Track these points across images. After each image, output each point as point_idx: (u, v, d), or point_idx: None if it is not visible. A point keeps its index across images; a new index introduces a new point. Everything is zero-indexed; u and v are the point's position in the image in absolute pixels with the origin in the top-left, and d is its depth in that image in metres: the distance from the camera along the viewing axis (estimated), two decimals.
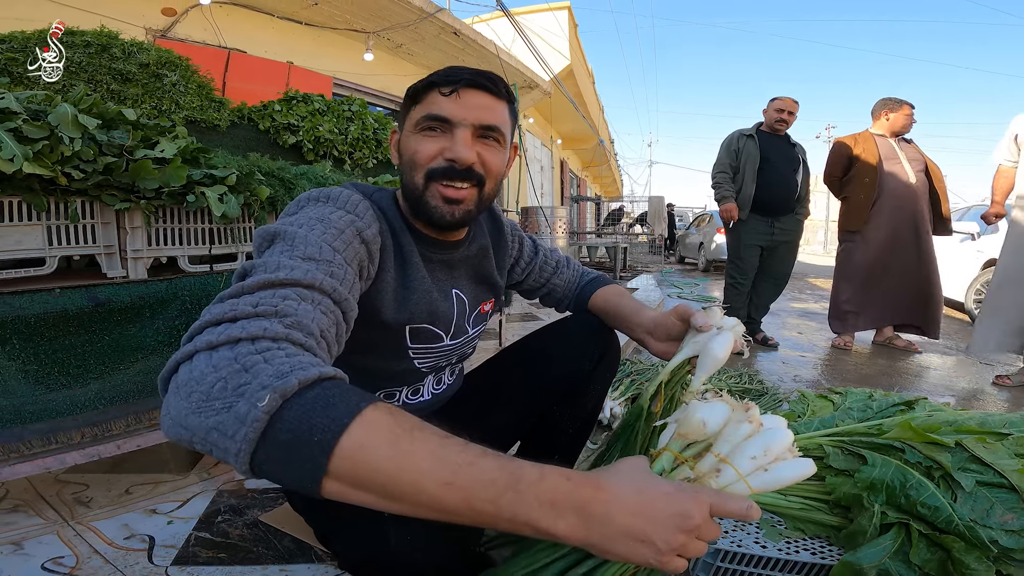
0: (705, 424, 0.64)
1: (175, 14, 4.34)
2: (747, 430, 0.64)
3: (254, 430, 0.43)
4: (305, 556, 1.13)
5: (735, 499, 0.54)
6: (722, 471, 0.62)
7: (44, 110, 1.22)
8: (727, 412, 0.65)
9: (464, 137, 0.81)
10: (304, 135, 2.45)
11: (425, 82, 0.84)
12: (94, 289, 1.27)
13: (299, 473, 0.44)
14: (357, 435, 0.44)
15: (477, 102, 0.82)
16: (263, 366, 0.47)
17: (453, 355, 1.01)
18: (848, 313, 3.48)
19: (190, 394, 0.47)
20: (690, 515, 0.51)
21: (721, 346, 0.82)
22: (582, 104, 10.73)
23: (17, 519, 1.25)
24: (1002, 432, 1.08)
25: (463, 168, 0.81)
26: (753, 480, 0.61)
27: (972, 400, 2.49)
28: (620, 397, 2.00)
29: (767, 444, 0.62)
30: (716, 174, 3.52)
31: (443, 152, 0.81)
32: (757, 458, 0.62)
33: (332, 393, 0.47)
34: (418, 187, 0.83)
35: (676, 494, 0.52)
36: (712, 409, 0.65)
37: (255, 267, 0.61)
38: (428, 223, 0.86)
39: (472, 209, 0.85)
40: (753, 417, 0.65)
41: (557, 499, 0.48)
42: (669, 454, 0.66)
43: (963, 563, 0.87)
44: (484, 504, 0.46)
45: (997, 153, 2.91)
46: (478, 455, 0.48)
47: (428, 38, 6.03)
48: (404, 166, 0.86)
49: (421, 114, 0.82)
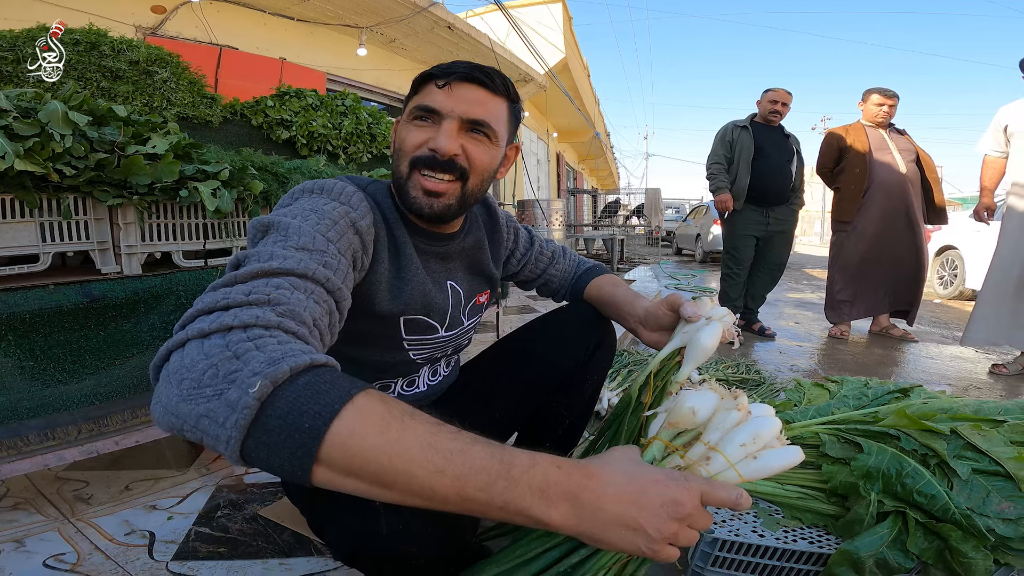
0: (695, 412, 0.64)
1: (165, 12, 4.30)
2: (736, 418, 0.64)
3: (244, 416, 0.43)
4: (304, 549, 1.14)
5: (725, 487, 0.54)
6: (712, 459, 0.62)
7: (34, 107, 1.21)
8: (716, 400, 0.66)
9: (449, 128, 0.80)
10: (298, 130, 2.43)
11: (425, 73, 0.84)
12: (88, 285, 1.26)
13: (289, 460, 0.44)
14: (348, 421, 0.44)
15: (469, 95, 0.81)
16: (254, 353, 0.47)
17: (448, 346, 1.00)
18: (843, 302, 3.49)
19: (181, 381, 0.46)
20: (680, 502, 0.51)
21: (709, 336, 0.82)
22: (577, 97, 10.70)
23: (18, 517, 1.25)
24: (997, 419, 1.08)
25: (444, 159, 0.80)
26: (743, 468, 0.61)
27: (968, 389, 2.50)
28: (617, 387, 2.01)
29: (756, 431, 0.62)
30: (711, 165, 3.53)
31: (427, 142, 0.81)
32: (746, 445, 0.62)
33: (323, 380, 0.46)
34: (403, 175, 0.84)
35: (666, 482, 0.52)
36: (701, 397, 0.65)
37: (248, 257, 0.61)
38: (411, 212, 0.86)
39: (453, 204, 0.84)
40: (741, 405, 0.65)
41: (548, 487, 0.48)
42: (659, 443, 0.66)
43: (960, 551, 0.87)
44: (475, 492, 0.46)
45: (983, 143, 2.91)
46: (470, 442, 0.47)
47: (422, 33, 6.00)
48: (394, 154, 0.87)
49: (414, 104, 0.83)
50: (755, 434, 0.62)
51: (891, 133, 3.41)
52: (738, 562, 1.00)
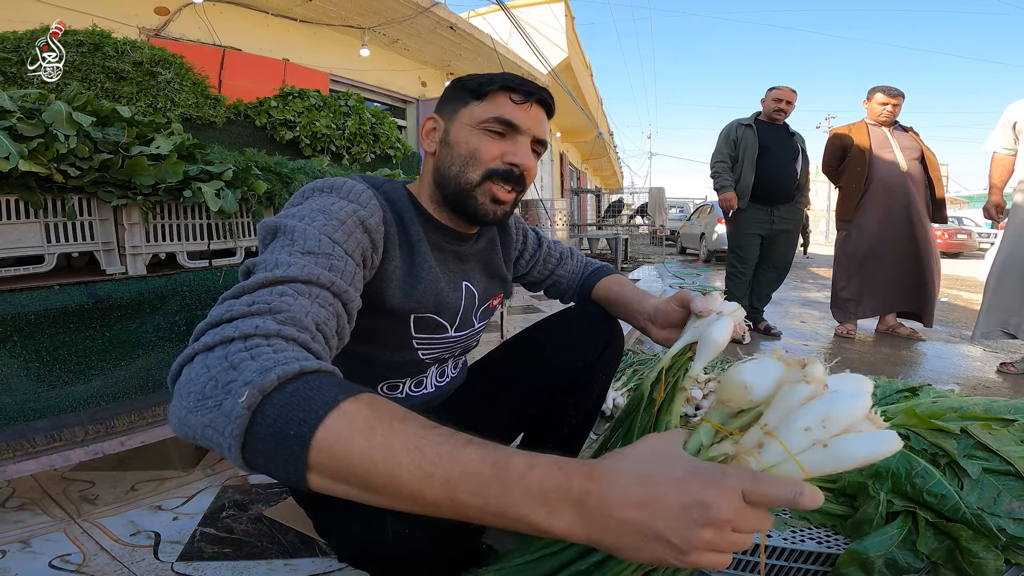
0: (748, 388, 0.52)
1: (168, 13, 4.32)
2: (804, 393, 0.49)
3: (238, 426, 0.44)
4: (309, 550, 1.13)
5: (778, 482, 0.44)
6: (765, 447, 0.49)
7: (38, 108, 1.21)
8: (779, 371, 0.52)
9: (526, 145, 0.87)
10: (301, 131, 2.43)
11: (496, 84, 0.85)
12: (94, 286, 1.27)
13: (284, 467, 0.44)
14: (333, 427, 0.43)
15: (540, 116, 0.89)
16: (248, 363, 0.47)
17: (457, 347, 1.00)
18: (848, 301, 3.48)
19: (188, 394, 0.48)
20: (709, 504, 0.42)
21: (720, 331, 0.81)
22: (580, 97, 10.69)
23: (24, 517, 1.26)
24: (1008, 418, 1.07)
25: (519, 173, 0.86)
26: (807, 459, 0.47)
27: (977, 387, 2.48)
28: (623, 387, 2.00)
29: (827, 412, 0.47)
30: (715, 164, 3.52)
31: (504, 155, 0.85)
32: (813, 430, 0.47)
33: (312, 386, 0.46)
34: (471, 182, 0.85)
35: (689, 481, 0.44)
36: (759, 368, 0.53)
37: (257, 265, 0.63)
38: (465, 217, 0.89)
39: (509, 211, 0.91)
40: (812, 376, 0.50)
41: (547, 492, 0.43)
42: (708, 426, 0.54)
43: (971, 551, 0.87)
44: (468, 497, 0.43)
45: (992, 141, 2.89)
46: (461, 445, 0.45)
47: (424, 33, 6.00)
48: (456, 158, 0.86)
49: (490, 114, 0.85)
50: (826, 415, 0.47)
51: (895, 131, 3.40)
52: (744, 562, 1.00)
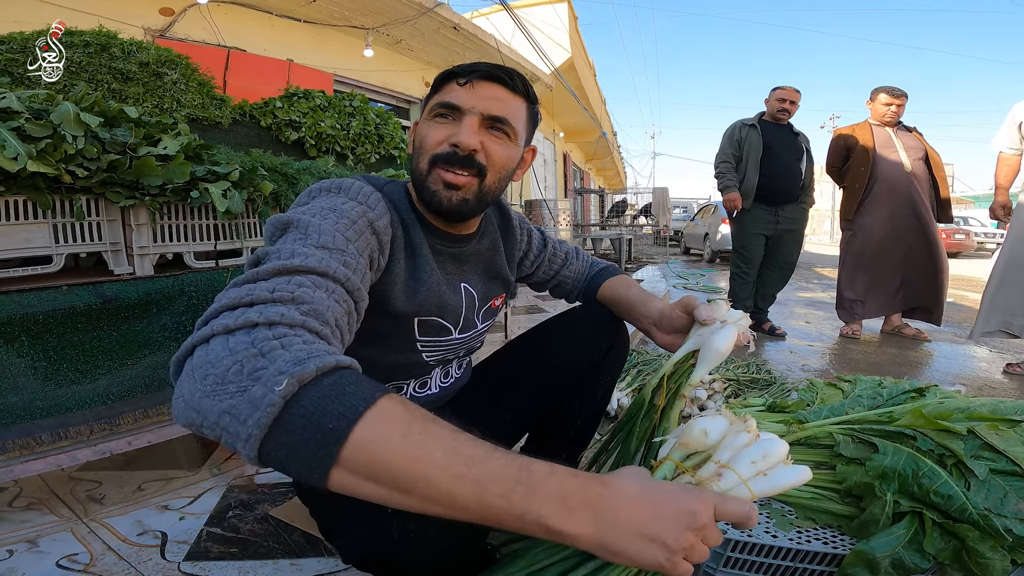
0: (706, 433, 0.67)
1: (173, 14, 4.33)
2: (745, 439, 0.66)
3: (268, 415, 0.43)
4: (315, 550, 1.14)
5: (738, 501, 0.55)
6: (724, 475, 0.64)
7: (46, 109, 1.22)
8: (726, 423, 0.69)
9: (470, 124, 0.80)
10: (306, 131, 2.44)
11: (446, 72, 0.85)
12: (101, 286, 1.27)
13: (308, 461, 0.44)
14: (371, 424, 0.44)
15: (489, 93, 0.82)
16: (280, 351, 0.46)
17: (461, 349, 1.00)
18: (853, 301, 3.47)
19: (205, 376, 0.46)
20: (697, 513, 0.50)
21: (723, 340, 0.82)
22: (584, 97, 10.68)
23: (32, 517, 1.26)
24: (1014, 419, 1.07)
25: (464, 154, 0.80)
26: (754, 484, 0.63)
27: (983, 388, 2.47)
28: (627, 388, 2.00)
29: (767, 450, 0.64)
30: (719, 164, 3.51)
31: (448, 138, 0.81)
32: (757, 462, 0.64)
33: (349, 382, 0.46)
34: (422, 172, 0.83)
35: (681, 493, 0.52)
36: (713, 421, 0.69)
37: (269, 254, 0.61)
38: (429, 208, 0.86)
39: (470, 199, 0.84)
40: (751, 428, 0.68)
41: (567, 494, 0.47)
42: (670, 463, 0.68)
43: (978, 552, 0.87)
44: (494, 498, 0.45)
45: (997, 141, 2.88)
46: (491, 449, 0.48)
47: (428, 33, 6.01)
48: (414, 152, 0.86)
49: (436, 101, 0.84)
50: (766, 452, 0.64)
51: (898, 131, 3.39)
52: (750, 563, 1.00)
